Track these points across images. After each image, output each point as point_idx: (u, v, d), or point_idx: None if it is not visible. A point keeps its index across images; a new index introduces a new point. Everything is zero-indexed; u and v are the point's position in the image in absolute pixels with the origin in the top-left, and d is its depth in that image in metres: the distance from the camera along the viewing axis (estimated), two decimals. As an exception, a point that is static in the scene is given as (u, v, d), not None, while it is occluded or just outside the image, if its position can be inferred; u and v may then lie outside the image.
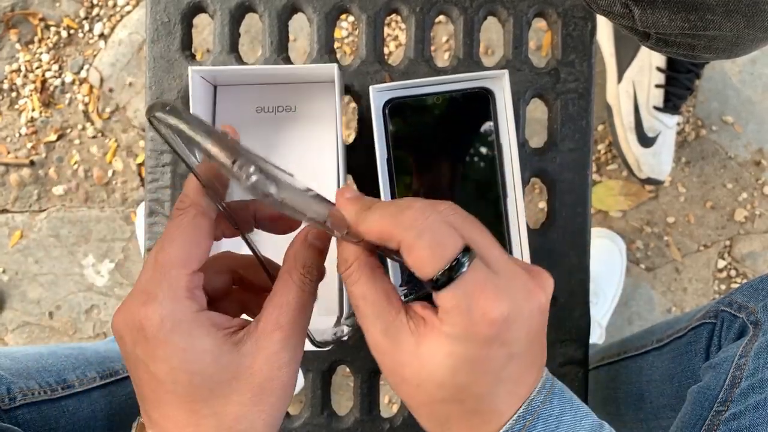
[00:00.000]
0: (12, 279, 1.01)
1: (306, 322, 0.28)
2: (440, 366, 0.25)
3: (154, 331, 0.26)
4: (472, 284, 0.25)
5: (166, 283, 0.26)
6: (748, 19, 0.34)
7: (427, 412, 0.27)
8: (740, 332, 0.45)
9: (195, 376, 0.26)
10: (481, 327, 0.25)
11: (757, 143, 0.99)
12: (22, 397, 0.50)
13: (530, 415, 0.27)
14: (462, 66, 0.48)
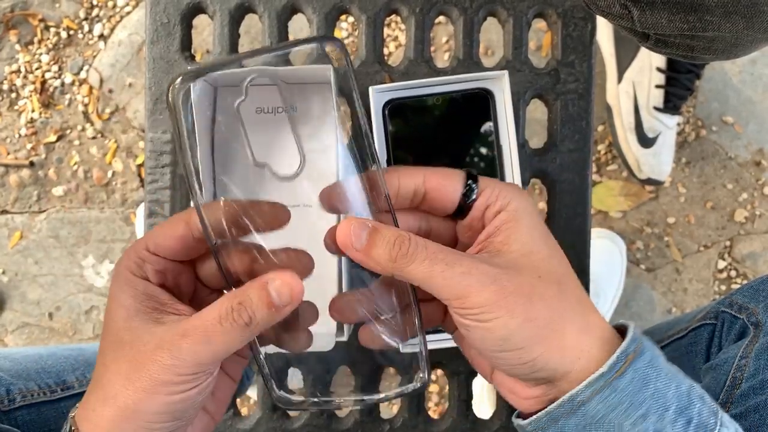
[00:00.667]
0: (12, 280, 1.01)
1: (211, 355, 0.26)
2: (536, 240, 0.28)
3: (113, 271, 0.30)
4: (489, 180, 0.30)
5: (136, 245, 0.29)
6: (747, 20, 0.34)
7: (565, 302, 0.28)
8: (741, 333, 0.45)
9: (109, 323, 0.28)
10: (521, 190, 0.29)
11: (758, 143, 0.99)
12: (22, 399, 0.50)
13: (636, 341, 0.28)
14: (462, 66, 0.48)
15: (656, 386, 0.27)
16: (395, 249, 0.27)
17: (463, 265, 0.27)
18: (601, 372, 0.27)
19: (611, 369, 0.27)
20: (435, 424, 0.47)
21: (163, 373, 0.26)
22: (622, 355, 0.27)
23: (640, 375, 0.27)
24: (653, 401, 0.27)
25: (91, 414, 0.28)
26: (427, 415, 0.48)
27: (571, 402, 0.28)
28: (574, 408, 0.28)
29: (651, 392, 0.27)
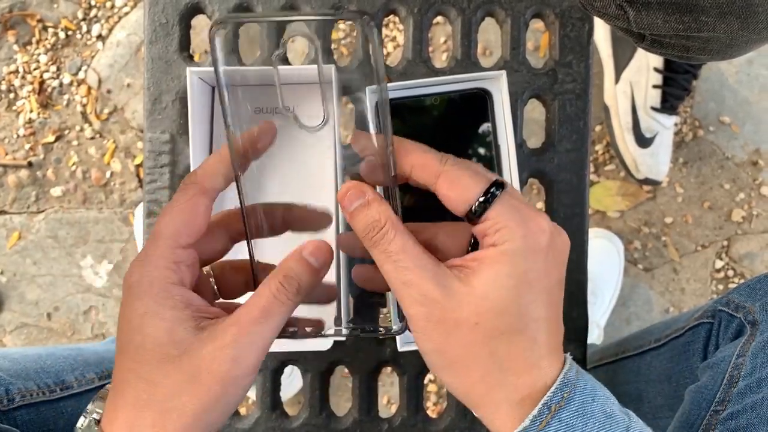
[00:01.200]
0: (10, 280, 1.01)
1: (271, 331, 0.28)
2: (502, 290, 0.27)
3: (130, 287, 0.28)
4: (516, 201, 0.28)
5: (154, 249, 0.28)
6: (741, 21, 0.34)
7: (485, 354, 0.27)
8: (738, 332, 0.45)
9: (147, 338, 0.27)
10: (539, 235, 0.27)
11: (754, 144, 1.00)
12: (21, 399, 0.50)
13: (566, 388, 0.27)
14: (460, 67, 0.48)
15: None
16: (367, 228, 0.28)
17: (408, 276, 0.27)
18: (524, 426, 0.27)
19: (533, 421, 0.27)
20: (433, 423, 0.48)
21: (226, 368, 0.27)
22: (544, 407, 0.27)
23: (564, 426, 0.27)
24: None
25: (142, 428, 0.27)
26: (425, 414, 0.48)
27: None
28: None
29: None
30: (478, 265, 0.27)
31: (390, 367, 0.48)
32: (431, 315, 0.27)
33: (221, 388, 0.27)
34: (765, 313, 0.44)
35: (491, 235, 0.27)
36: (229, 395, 0.28)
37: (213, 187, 0.30)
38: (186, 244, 0.29)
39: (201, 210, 0.29)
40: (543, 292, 0.28)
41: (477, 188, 0.28)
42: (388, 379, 0.91)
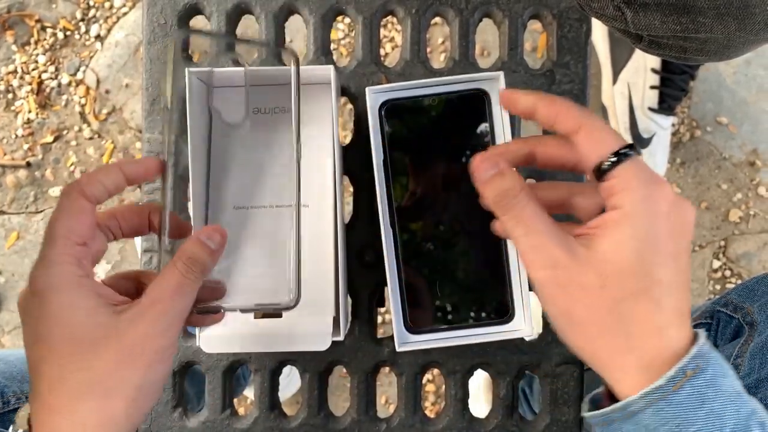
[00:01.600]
0: (8, 280, 1.01)
1: (185, 306, 0.32)
2: (625, 251, 0.28)
3: (40, 288, 0.29)
4: (644, 166, 0.28)
5: (53, 249, 0.30)
6: (739, 22, 0.34)
7: (611, 318, 0.28)
8: (736, 333, 0.45)
9: (69, 329, 0.29)
10: (660, 200, 0.28)
11: (752, 144, 1.00)
12: (16, 401, 0.50)
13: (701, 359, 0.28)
14: (458, 67, 0.48)
15: (712, 407, 0.27)
16: (501, 195, 0.30)
17: (537, 239, 0.29)
18: (658, 384, 0.27)
19: (668, 382, 0.27)
20: (431, 423, 0.48)
21: (159, 340, 0.30)
22: (680, 371, 0.27)
23: (697, 392, 0.27)
24: (706, 422, 0.27)
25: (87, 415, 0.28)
26: (423, 414, 0.48)
27: (624, 409, 0.28)
28: (627, 415, 0.28)
29: (705, 412, 0.27)
30: (601, 230, 0.28)
31: (388, 367, 0.48)
32: (558, 278, 0.28)
33: (159, 359, 0.30)
34: (763, 314, 0.44)
35: (615, 195, 0.28)
36: (165, 366, 0.31)
37: (93, 195, 0.32)
38: (80, 241, 0.31)
39: (87, 211, 0.31)
40: (668, 257, 0.28)
41: (613, 144, 0.29)
42: (387, 379, 0.91)
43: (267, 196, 0.42)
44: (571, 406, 0.47)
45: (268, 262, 0.41)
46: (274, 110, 0.44)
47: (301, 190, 0.40)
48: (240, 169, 0.43)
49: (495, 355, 0.47)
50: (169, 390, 0.46)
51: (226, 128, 0.42)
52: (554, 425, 0.47)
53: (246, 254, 0.42)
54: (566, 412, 0.47)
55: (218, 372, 0.47)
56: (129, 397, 0.29)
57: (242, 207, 0.42)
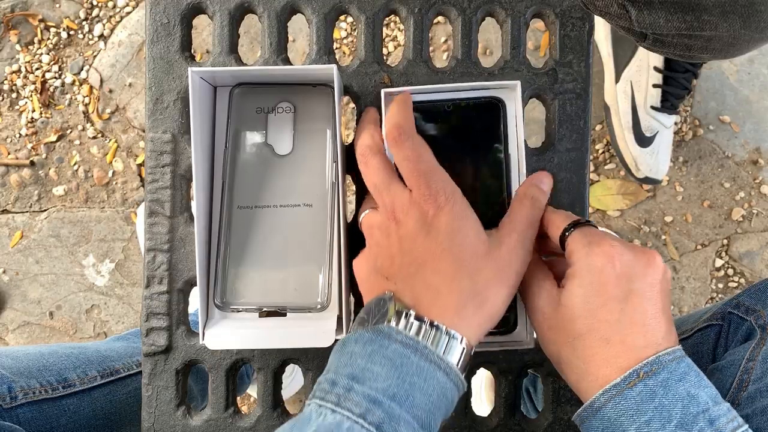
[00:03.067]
0: (13, 279, 1.01)
1: (533, 236, 0.38)
2: (574, 299, 0.35)
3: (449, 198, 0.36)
4: (589, 232, 0.36)
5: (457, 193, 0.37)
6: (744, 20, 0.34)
7: (569, 353, 0.35)
8: (747, 335, 0.45)
9: (466, 240, 0.35)
10: (598, 257, 0.34)
11: (755, 142, 1.00)
12: (23, 396, 0.50)
13: (656, 365, 0.33)
14: (460, 66, 0.48)
15: (662, 402, 0.32)
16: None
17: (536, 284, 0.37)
18: (615, 382, 0.33)
19: (624, 381, 0.33)
20: (434, 421, 0.48)
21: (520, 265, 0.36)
22: (633, 373, 0.33)
23: (648, 390, 0.32)
24: (656, 413, 0.32)
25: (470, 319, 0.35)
26: (426, 413, 0.48)
27: (591, 407, 0.34)
28: (594, 411, 0.34)
29: (656, 405, 0.32)
30: (563, 284, 0.36)
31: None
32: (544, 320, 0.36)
33: (515, 283, 0.36)
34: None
35: (569, 257, 0.36)
36: (514, 292, 0.36)
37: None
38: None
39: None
40: (613, 300, 0.34)
41: (563, 224, 0.37)
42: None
43: (274, 195, 0.43)
44: (573, 405, 0.47)
45: (287, 262, 0.41)
46: (277, 110, 0.44)
47: (339, 195, 0.41)
48: (245, 167, 0.43)
49: (497, 354, 0.47)
50: (172, 388, 0.47)
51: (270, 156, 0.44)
52: (557, 424, 0.47)
53: (263, 253, 0.42)
54: (568, 411, 0.47)
55: (221, 370, 0.47)
56: (493, 313, 0.35)
57: (247, 206, 0.42)
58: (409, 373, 0.32)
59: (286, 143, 0.43)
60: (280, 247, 0.42)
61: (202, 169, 0.42)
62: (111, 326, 1.01)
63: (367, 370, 0.32)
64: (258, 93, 0.44)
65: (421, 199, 0.36)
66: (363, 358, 0.33)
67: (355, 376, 0.32)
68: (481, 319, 0.35)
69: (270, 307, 0.41)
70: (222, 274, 0.42)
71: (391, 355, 0.32)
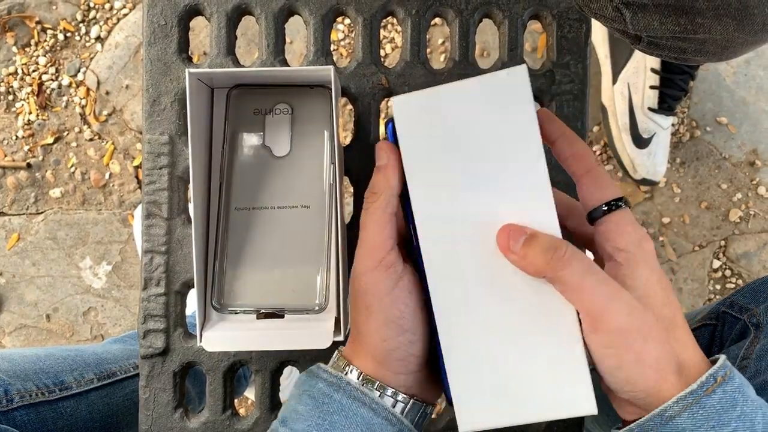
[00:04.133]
0: (9, 282, 1.01)
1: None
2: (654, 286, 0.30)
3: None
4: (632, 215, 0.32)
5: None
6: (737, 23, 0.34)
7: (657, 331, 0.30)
8: (741, 334, 0.45)
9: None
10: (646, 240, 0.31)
11: (751, 144, 1.00)
12: (20, 399, 0.50)
13: (728, 368, 0.30)
14: (458, 68, 0.48)
15: (743, 410, 0.29)
16: (549, 253, 0.29)
17: (610, 288, 0.29)
18: (691, 389, 0.29)
19: (701, 387, 0.29)
20: (433, 422, 0.48)
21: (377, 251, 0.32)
22: (710, 377, 0.29)
23: (728, 397, 0.29)
24: (740, 422, 0.29)
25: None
26: (424, 414, 0.48)
27: (660, 416, 0.29)
28: (663, 421, 0.29)
29: (738, 414, 0.29)
30: (625, 269, 0.30)
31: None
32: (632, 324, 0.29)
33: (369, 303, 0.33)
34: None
35: (614, 240, 0.31)
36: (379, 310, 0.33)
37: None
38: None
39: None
40: (671, 287, 0.31)
41: (609, 194, 0.32)
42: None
43: (272, 197, 0.43)
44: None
45: (285, 264, 0.41)
46: (274, 111, 0.44)
47: (336, 196, 0.41)
48: (243, 169, 0.43)
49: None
50: (170, 390, 0.47)
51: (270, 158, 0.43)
52: (555, 424, 0.47)
53: (261, 254, 0.42)
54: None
55: (219, 372, 0.47)
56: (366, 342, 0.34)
57: (244, 208, 0.42)
58: (330, 411, 0.31)
59: (283, 145, 0.43)
60: (278, 249, 0.42)
61: (199, 171, 0.42)
62: (108, 329, 1.01)
63: (294, 410, 0.32)
64: (255, 94, 0.44)
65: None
66: (294, 398, 0.33)
67: (284, 419, 0.33)
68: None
69: (268, 308, 0.41)
70: (219, 275, 0.42)
71: (316, 394, 0.32)
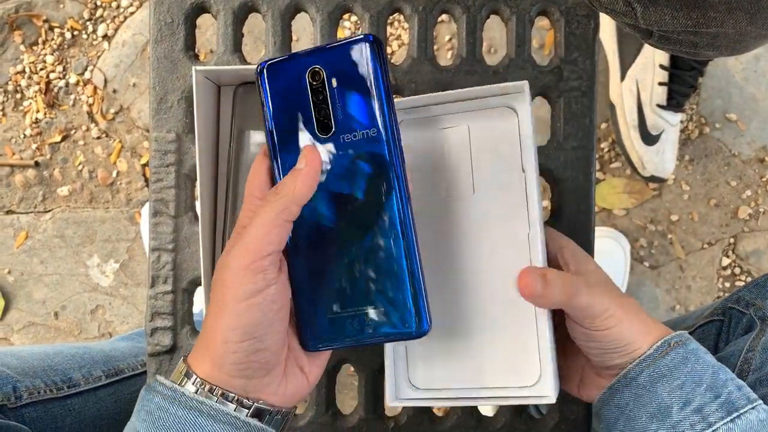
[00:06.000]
0: (17, 279, 1.01)
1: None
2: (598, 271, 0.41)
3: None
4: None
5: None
6: (750, 16, 0.34)
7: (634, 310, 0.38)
8: (748, 328, 0.45)
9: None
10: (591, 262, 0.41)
11: (761, 140, 0.99)
12: (29, 396, 0.50)
13: (684, 337, 0.37)
14: (465, 65, 0.48)
15: (693, 367, 0.35)
16: (567, 288, 0.36)
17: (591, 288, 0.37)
18: (648, 353, 0.36)
19: (656, 351, 0.35)
20: (439, 422, 0.48)
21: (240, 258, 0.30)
22: (665, 343, 0.36)
23: (680, 357, 0.35)
24: (689, 376, 0.34)
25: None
26: (431, 413, 0.48)
27: (625, 377, 0.36)
28: (628, 381, 0.36)
29: (688, 370, 0.35)
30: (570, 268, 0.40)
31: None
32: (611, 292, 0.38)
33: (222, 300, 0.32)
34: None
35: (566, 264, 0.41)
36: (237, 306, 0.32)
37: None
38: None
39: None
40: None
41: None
42: (394, 377, 0.91)
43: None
44: (579, 405, 0.47)
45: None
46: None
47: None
48: (250, 167, 0.43)
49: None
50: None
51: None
52: (563, 424, 0.47)
53: None
54: (575, 411, 0.47)
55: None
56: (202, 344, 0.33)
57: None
58: (166, 426, 0.30)
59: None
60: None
61: (206, 169, 0.42)
62: (116, 326, 1.01)
63: (133, 428, 0.32)
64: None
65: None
66: (135, 415, 0.32)
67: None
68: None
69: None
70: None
71: (152, 409, 0.31)
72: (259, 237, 0.30)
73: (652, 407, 0.35)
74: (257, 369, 0.31)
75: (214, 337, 0.31)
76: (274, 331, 0.31)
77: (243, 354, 0.30)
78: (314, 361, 0.34)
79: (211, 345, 0.31)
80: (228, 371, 0.31)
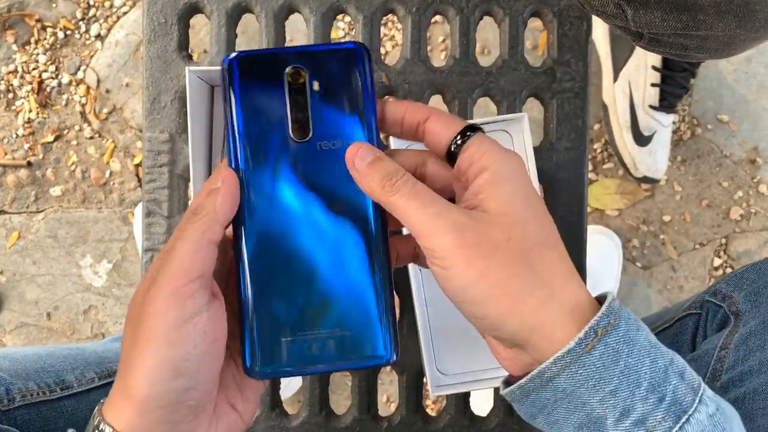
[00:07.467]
0: (10, 280, 1.01)
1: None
2: (517, 203, 0.28)
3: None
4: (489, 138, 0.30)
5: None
6: (739, 20, 0.34)
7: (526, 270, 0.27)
8: (723, 322, 0.45)
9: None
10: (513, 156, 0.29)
11: (752, 141, 1.00)
12: (21, 398, 0.50)
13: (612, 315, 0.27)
14: (458, 66, 0.48)
15: (627, 362, 0.27)
16: (386, 179, 0.28)
17: (436, 208, 0.28)
18: (569, 348, 0.27)
19: (579, 344, 0.26)
20: (433, 422, 0.48)
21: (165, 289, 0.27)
22: (591, 330, 0.27)
23: (610, 350, 0.27)
24: (623, 378, 0.27)
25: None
26: (425, 413, 0.48)
27: (540, 377, 0.28)
28: (543, 383, 0.28)
29: (621, 368, 0.27)
30: (485, 194, 0.28)
31: (389, 366, 0.48)
32: (466, 239, 0.27)
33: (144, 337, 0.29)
34: (748, 303, 0.44)
35: (477, 162, 0.29)
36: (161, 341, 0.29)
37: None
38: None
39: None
40: (545, 208, 0.29)
41: (458, 127, 0.30)
42: (388, 377, 0.91)
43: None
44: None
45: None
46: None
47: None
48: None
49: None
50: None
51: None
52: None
53: None
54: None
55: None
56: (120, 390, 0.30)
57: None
58: None
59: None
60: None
61: (199, 169, 0.41)
62: (109, 327, 1.01)
63: None
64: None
65: None
66: None
67: None
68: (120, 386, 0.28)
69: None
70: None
71: None
72: (187, 258, 0.27)
73: (580, 416, 0.28)
74: (185, 414, 0.28)
75: (136, 381, 0.27)
76: (206, 368, 0.27)
77: (173, 396, 0.27)
78: (248, 396, 0.31)
79: (134, 388, 0.27)
80: (154, 418, 0.27)
